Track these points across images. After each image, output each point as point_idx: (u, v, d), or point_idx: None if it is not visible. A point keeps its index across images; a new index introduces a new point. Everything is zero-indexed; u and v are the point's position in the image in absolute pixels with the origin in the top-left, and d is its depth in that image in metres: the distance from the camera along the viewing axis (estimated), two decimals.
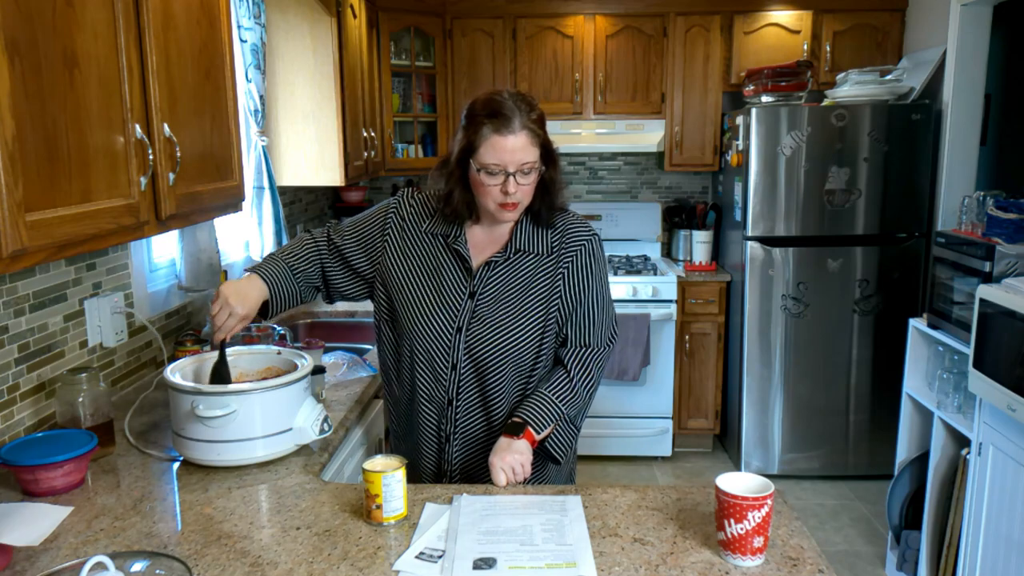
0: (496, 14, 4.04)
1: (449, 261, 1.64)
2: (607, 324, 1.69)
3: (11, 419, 1.68)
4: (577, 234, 1.65)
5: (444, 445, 1.67)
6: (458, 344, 1.60)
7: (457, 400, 1.64)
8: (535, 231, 1.64)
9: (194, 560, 1.24)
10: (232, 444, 1.55)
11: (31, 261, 1.21)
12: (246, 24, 2.58)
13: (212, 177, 1.84)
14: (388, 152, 3.85)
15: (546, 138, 1.57)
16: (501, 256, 1.63)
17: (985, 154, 3.78)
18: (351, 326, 3.02)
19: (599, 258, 1.67)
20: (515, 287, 1.62)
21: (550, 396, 1.61)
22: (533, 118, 1.53)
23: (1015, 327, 2.18)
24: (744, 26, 3.98)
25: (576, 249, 1.64)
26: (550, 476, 1.74)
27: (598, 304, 1.66)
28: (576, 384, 1.63)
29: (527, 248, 1.63)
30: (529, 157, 1.52)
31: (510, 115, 1.50)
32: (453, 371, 1.62)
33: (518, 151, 1.51)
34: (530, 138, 1.52)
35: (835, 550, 3.21)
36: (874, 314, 3.71)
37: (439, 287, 1.63)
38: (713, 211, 4.21)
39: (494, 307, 1.61)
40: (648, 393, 3.97)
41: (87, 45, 1.32)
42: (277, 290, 1.67)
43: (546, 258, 1.63)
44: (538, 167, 1.56)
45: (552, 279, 1.63)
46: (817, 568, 1.22)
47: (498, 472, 1.51)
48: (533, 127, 1.53)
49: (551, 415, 1.60)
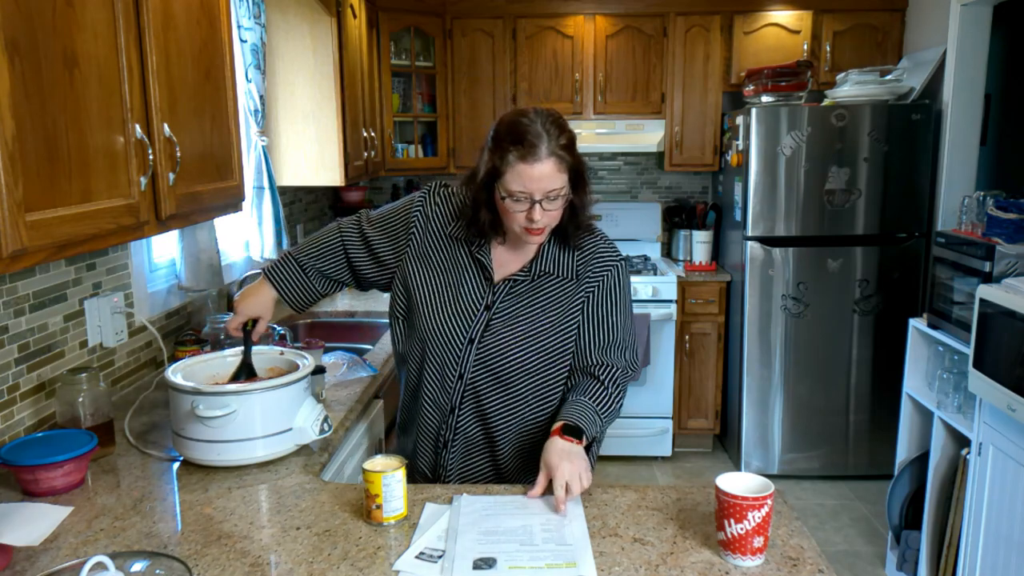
0: (496, 14, 4.04)
1: (471, 269, 1.61)
2: (633, 348, 1.65)
3: (11, 419, 1.68)
4: (604, 259, 1.61)
5: (442, 451, 1.66)
6: (468, 355, 1.58)
7: (460, 409, 1.62)
8: (561, 253, 1.60)
9: (194, 560, 1.23)
10: (232, 444, 1.55)
11: (31, 261, 1.21)
12: (246, 24, 2.58)
13: (212, 177, 1.84)
14: (388, 152, 3.85)
15: (576, 161, 1.49)
16: (525, 276, 1.59)
17: (985, 154, 3.77)
18: (351, 326, 3.02)
19: (625, 284, 1.63)
20: (533, 307, 1.58)
21: (593, 405, 1.53)
22: (562, 143, 1.46)
23: (1015, 327, 2.18)
24: (744, 26, 3.98)
25: (603, 274, 1.60)
26: None
27: (625, 329, 1.63)
28: (611, 396, 1.58)
29: (551, 271, 1.59)
30: (556, 184, 1.46)
31: (536, 142, 1.44)
32: (460, 380, 1.60)
33: (545, 179, 1.45)
34: (557, 165, 1.45)
35: (835, 550, 3.21)
36: (874, 314, 3.71)
37: (457, 294, 1.60)
38: (713, 211, 4.21)
39: (509, 323, 1.57)
40: (648, 393, 3.97)
41: (87, 45, 1.32)
42: (289, 292, 1.71)
43: (569, 282, 1.60)
44: (565, 193, 1.49)
45: (571, 302, 1.59)
46: (817, 568, 1.22)
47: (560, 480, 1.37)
48: (561, 153, 1.46)
49: (596, 425, 1.53)
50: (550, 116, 1.49)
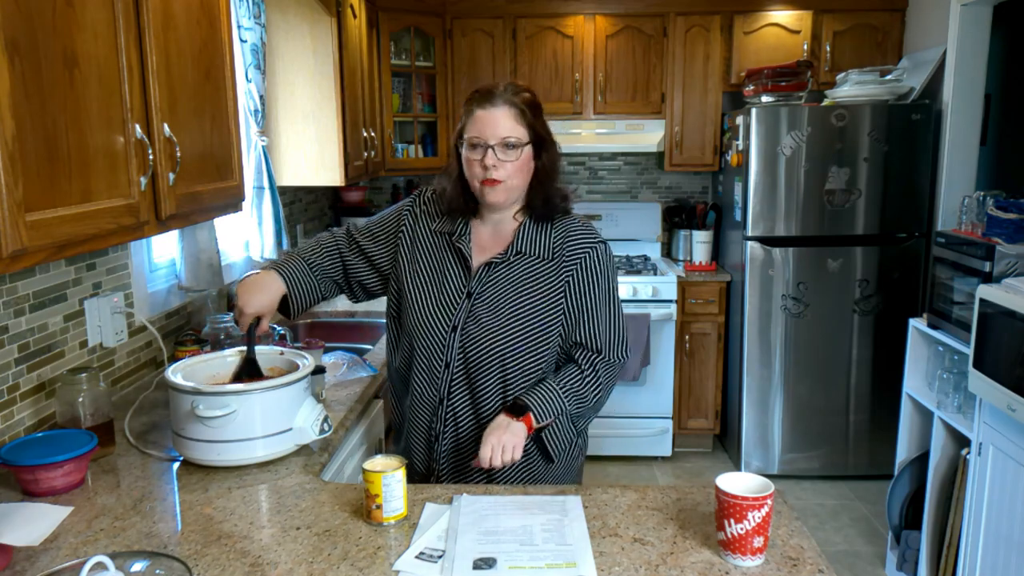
0: (496, 14, 4.04)
1: (451, 259, 1.65)
2: (618, 336, 1.66)
3: (11, 419, 1.68)
4: (581, 240, 1.64)
5: (434, 444, 1.67)
6: (452, 343, 1.61)
7: (448, 399, 1.64)
8: (537, 233, 1.64)
9: (194, 560, 1.23)
10: (232, 444, 1.55)
11: (31, 261, 1.21)
12: (246, 24, 2.58)
13: (212, 177, 1.84)
14: (388, 152, 3.85)
15: (535, 122, 1.58)
16: (502, 257, 1.62)
17: (985, 154, 3.77)
18: (351, 326, 3.02)
19: (605, 265, 1.65)
20: (513, 289, 1.61)
21: (556, 388, 1.60)
22: (519, 98, 1.56)
23: (1015, 327, 2.18)
24: (744, 26, 3.98)
25: (580, 256, 1.62)
26: (556, 477, 1.71)
27: (607, 313, 1.64)
28: (586, 381, 1.62)
29: (528, 250, 1.62)
30: (509, 132, 1.54)
31: (493, 91, 1.55)
32: (446, 370, 1.62)
33: (498, 124, 1.53)
34: (512, 112, 1.54)
35: (835, 550, 3.21)
36: (874, 314, 3.71)
37: (440, 285, 1.64)
38: (713, 211, 4.21)
39: (491, 308, 1.60)
40: (648, 393, 3.97)
41: (87, 45, 1.32)
42: (296, 285, 1.69)
43: (548, 262, 1.62)
44: (523, 146, 1.56)
45: (551, 284, 1.61)
46: (817, 568, 1.22)
47: (486, 447, 1.50)
48: (516, 102, 1.55)
49: (554, 407, 1.58)
50: (516, 84, 1.60)
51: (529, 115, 1.56)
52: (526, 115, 1.56)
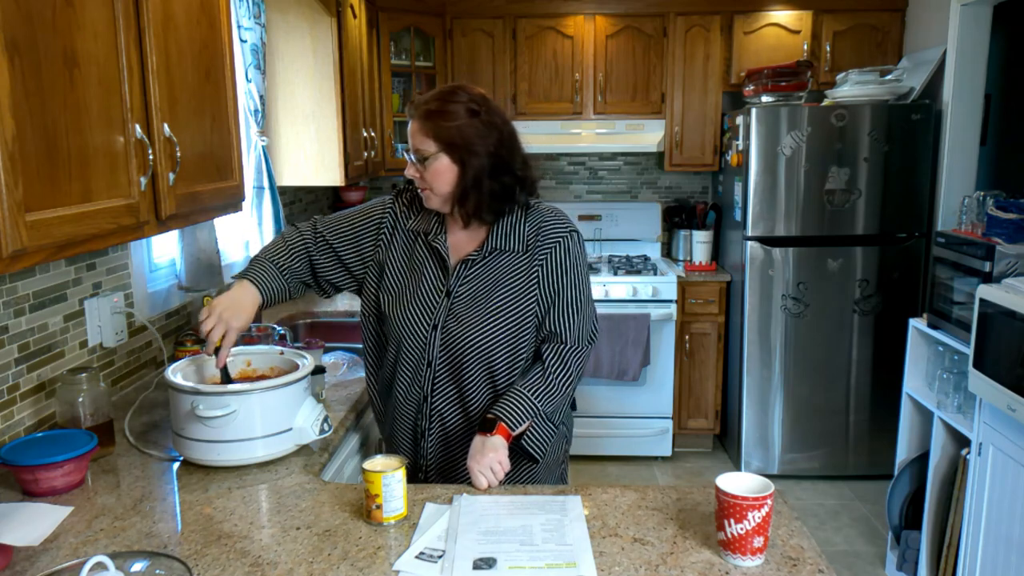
0: (496, 14, 4.04)
1: (428, 259, 1.66)
2: (586, 321, 1.67)
3: (11, 419, 1.68)
4: (553, 230, 1.64)
5: (420, 440, 1.68)
6: (434, 341, 1.62)
7: (432, 396, 1.65)
8: (511, 229, 1.64)
9: (194, 560, 1.24)
10: (232, 444, 1.55)
11: (31, 261, 1.21)
12: (246, 24, 2.58)
13: (212, 177, 1.84)
14: (388, 152, 3.85)
15: (441, 131, 1.54)
16: (478, 255, 1.63)
17: (985, 154, 3.77)
18: (351, 326, 3.02)
19: (576, 254, 1.65)
20: (490, 286, 1.62)
21: (524, 391, 1.60)
22: (430, 109, 1.55)
23: (1015, 327, 2.18)
24: (744, 26, 3.98)
25: (552, 245, 1.63)
26: (539, 476, 1.72)
27: (575, 300, 1.65)
28: (551, 378, 1.62)
29: (503, 246, 1.63)
30: (418, 144, 1.56)
31: (413, 102, 1.58)
32: (428, 368, 1.63)
33: (412, 136, 1.57)
34: (417, 125, 1.56)
35: (835, 550, 3.20)
36: (874, 314, 3.71)
37: (418, 284, 1.65)
38: (713, 211, 4.21)
39: (470, 305, 1.61)
40: (648, 393, 3.97)
41: (87, 45, 1.32)
42: (269, 292, 1.68)
43: (522, 255, 1.63)
44: (431, 158, 1.55)
45: (527, 276, 1.62)
46: (817, 568, 1.22)
47: (478, 476, 1.49)
48: (422, 117, 1.55)
49: (526, 410, 1.58)
50: (453, 88, 1.58)
51: (431, 126, 1.54)
52: (428, 126, 1.55)
